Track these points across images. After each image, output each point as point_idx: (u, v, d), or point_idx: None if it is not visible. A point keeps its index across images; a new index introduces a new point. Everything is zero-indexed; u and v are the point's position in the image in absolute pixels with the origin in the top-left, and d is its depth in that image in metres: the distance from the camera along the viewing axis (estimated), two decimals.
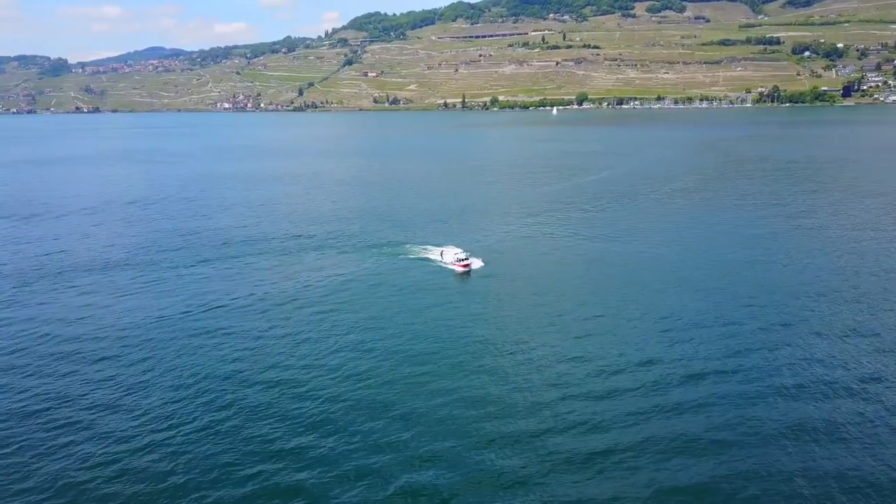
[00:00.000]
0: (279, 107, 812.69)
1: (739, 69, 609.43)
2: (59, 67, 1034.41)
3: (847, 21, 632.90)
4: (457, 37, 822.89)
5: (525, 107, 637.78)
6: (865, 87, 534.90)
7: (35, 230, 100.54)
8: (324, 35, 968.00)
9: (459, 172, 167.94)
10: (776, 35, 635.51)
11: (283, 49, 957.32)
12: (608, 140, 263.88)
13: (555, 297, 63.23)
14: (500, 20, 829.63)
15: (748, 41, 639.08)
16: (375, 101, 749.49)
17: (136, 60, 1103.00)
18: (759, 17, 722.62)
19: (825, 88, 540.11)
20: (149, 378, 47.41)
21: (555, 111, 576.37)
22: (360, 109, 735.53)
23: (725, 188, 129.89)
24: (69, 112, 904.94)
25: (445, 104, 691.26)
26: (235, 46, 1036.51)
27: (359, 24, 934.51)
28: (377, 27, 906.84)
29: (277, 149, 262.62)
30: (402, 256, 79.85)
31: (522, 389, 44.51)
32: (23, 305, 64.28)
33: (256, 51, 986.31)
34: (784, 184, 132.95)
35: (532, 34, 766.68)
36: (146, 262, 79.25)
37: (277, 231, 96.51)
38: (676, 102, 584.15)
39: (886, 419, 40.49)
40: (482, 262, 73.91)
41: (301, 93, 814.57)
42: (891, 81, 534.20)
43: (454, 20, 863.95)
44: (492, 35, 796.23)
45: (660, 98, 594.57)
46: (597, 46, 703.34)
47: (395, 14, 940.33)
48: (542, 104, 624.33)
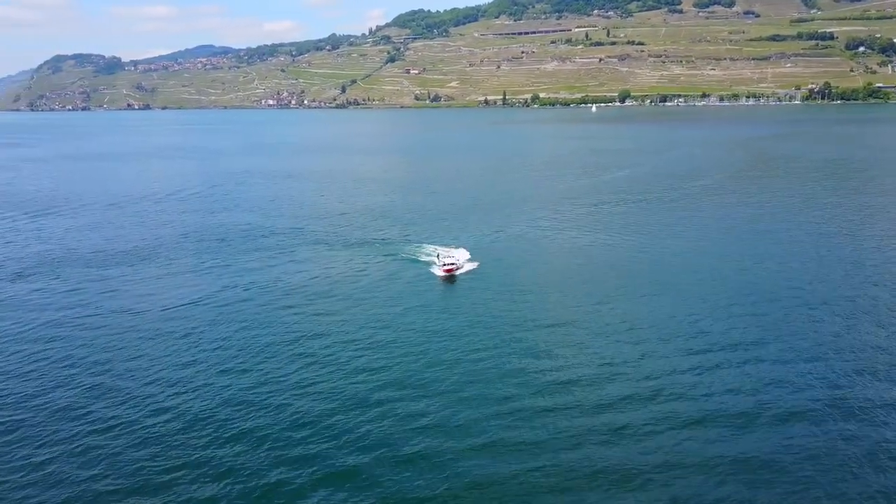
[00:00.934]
0: (322, 104, 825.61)
1: (789, 65, 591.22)
2: (113, 65, 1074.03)
3: None
4: (500, 34, 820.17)
5: (566, 104, 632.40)
6: None
7: (72, 222, 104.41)
8: (367, 32, 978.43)
9: (483, 170, 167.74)
10: (829, 30, 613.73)
11: (328, 46, 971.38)
12: (641, 138, 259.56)
13: (537, 298, 63.18)
14: (544, 16, 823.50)
15: (799, 36, 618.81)
16: (417, 98, 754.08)
17: (186, 58, 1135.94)
18: (812, 12, 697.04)
19: (880, 85, 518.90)
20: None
21: (594, 108, 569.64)
22: (402, 106, 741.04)
23: (746, 187, 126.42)
24: (121, 109, 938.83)
25: (486, 101, 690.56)
26: (281, 44, 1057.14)
27: (402, 22, 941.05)
28: (420, 24, 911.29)
29: (318, 146, 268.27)
30: (402, 256, 79.90)
31: (534, 393, 43.42)
32: (53, 292, 67.04)
33: (301, 48, 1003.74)
34: (815, 186, 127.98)
35: (575, 31, 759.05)
36: (133, 258, 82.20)
37: (311, 226, 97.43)
38: (722, 99, 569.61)
39: None
40: (475, 264, 73.11)
41: (344, 90, 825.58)
42: None
43: (497, 17, 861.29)
44: (535, 32, 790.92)
45: (704, 95, 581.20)
46: (641, 43, 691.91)
47: (439, 11, 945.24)
48: (584, 101, 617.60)
